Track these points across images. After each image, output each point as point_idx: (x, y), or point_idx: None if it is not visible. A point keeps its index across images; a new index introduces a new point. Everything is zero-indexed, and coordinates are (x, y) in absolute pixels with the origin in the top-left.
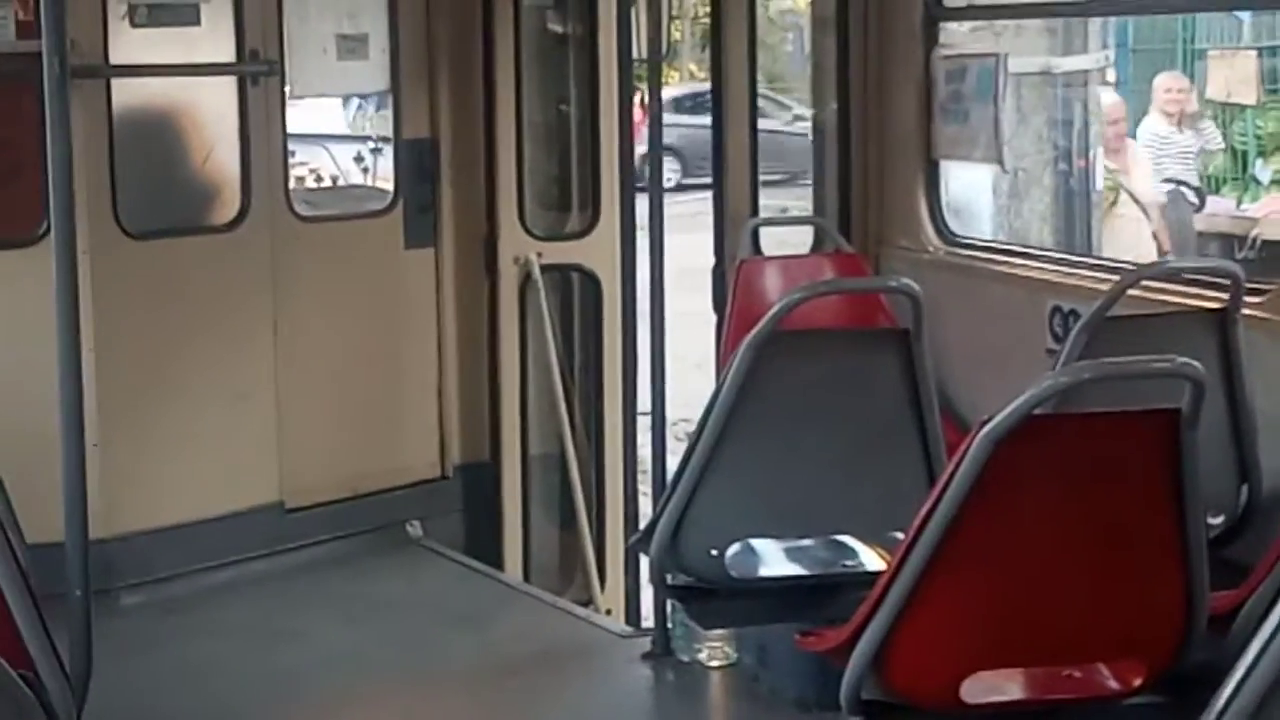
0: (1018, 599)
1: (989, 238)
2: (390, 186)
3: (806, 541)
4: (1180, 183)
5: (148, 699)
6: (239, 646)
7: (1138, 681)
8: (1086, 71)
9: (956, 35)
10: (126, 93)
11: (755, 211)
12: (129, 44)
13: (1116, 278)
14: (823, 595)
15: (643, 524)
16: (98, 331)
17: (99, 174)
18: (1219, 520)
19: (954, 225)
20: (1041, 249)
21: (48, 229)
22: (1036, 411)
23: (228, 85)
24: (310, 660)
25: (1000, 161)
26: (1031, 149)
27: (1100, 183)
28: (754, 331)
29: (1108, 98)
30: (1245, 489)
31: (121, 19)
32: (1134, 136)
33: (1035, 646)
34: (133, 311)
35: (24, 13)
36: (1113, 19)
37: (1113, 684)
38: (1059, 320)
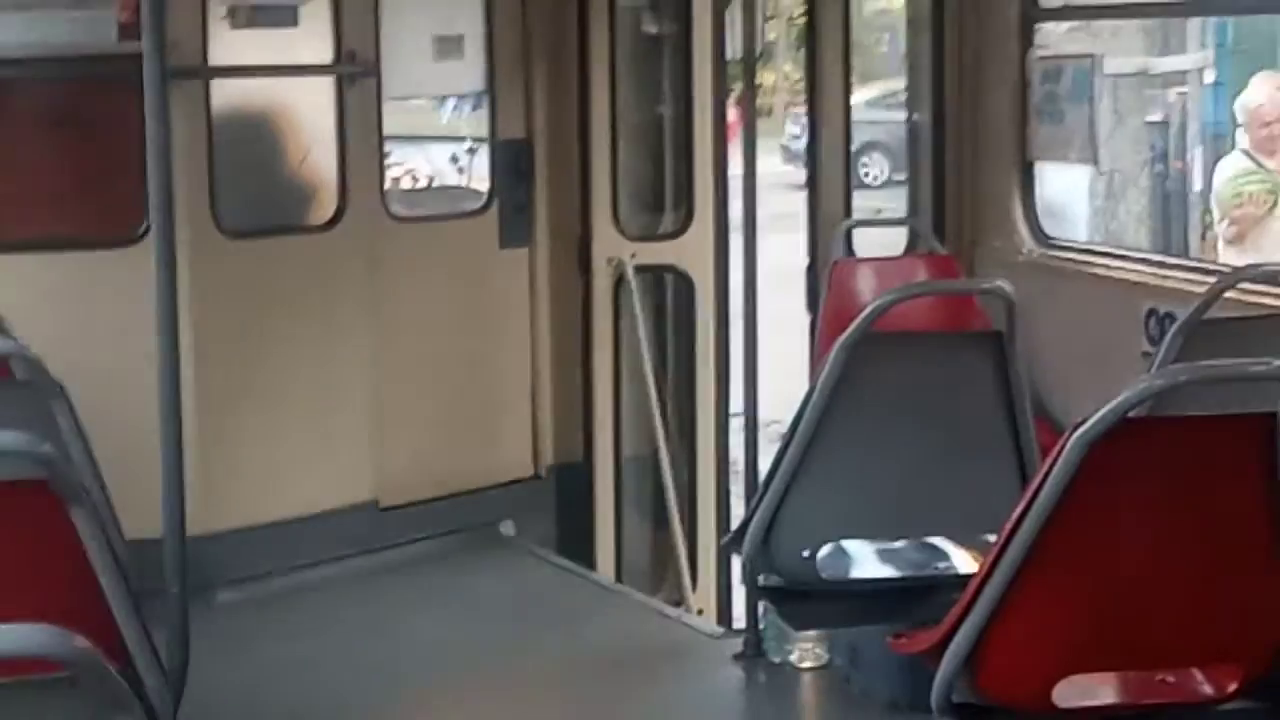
0: (1111, 602)
1: (1084, 240)
2: (485, 187)
3: (899, 543)
4: None
5: (244, 695)
6: (334, 644)
7: (1233, 687)
8: (1184, 72)
9: (1052, 35)
10: (225, 93)
11: (849, 213)
12: (228, 45)
13: (1213, 280)
14: (915, 597)
15: (734, 525)
16: (196, 330)
17: (198, 174)
18: None
19: (1049, 227)
20: (1137, 251)
21: (148, 228)
22: (1131, 414)
23: (325, 86)
24: (403, 658)
25: (1096, 162)
26: (1128, 150)
27: (1198, 184)
28: (847, 333)
29: (1255, 98)
30: None
31: (221, 20)
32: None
33: (1129, 651)
34: (231, 310)
35: (125, 14)
36: (1212, 19)
37: (1208, 689)
38: (1154, 323)
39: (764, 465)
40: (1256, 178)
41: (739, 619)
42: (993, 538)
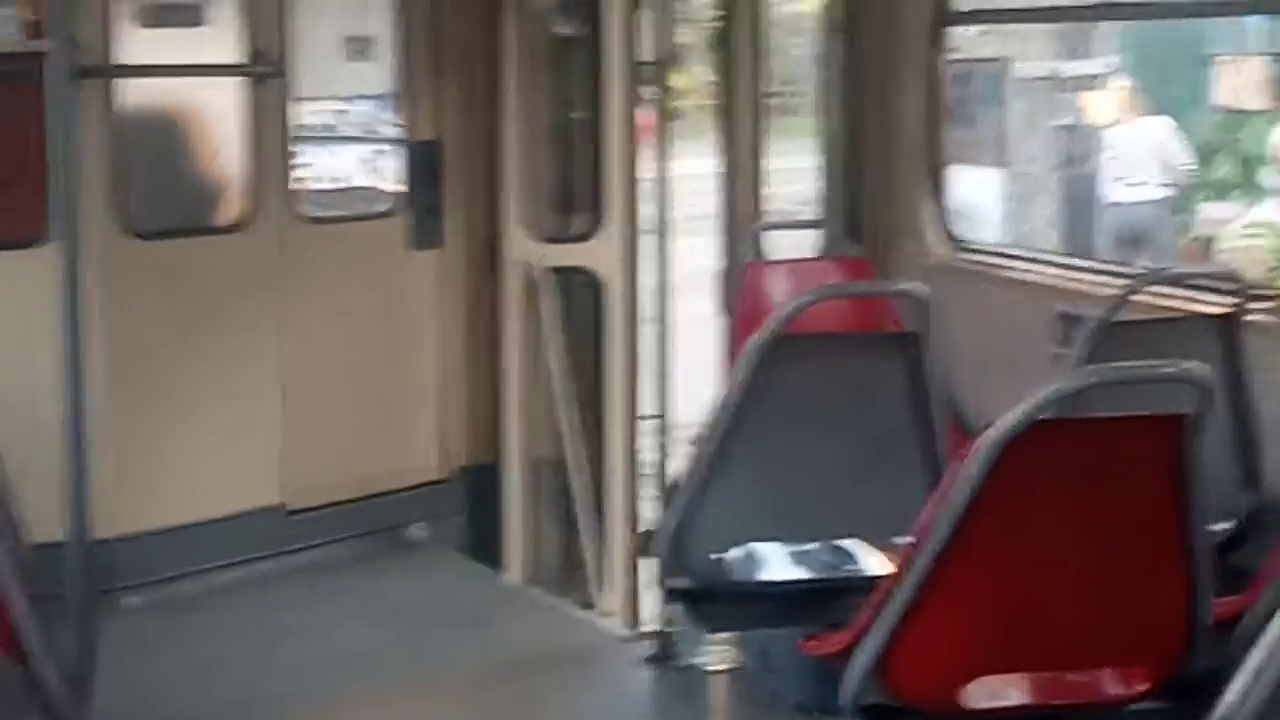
0: (1021, 603)
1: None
2: (396, 188)
3: (811, 545)
4: None
5: (150, 699)
6: (241, 647)
7: (1142, 687)
8: (1093, 76)
9: (964, 39)
10: (133, 93)
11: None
12: (135, 44)
13: (1123, 283)
14: (826, 599)
15: (645, 527)
16: (103, 332)
17: (105, 174)
18: (1223, 526)
19: (961, 230)
20: (1047, 254)
21: (53, 229)
22: (1042, 416)
23: (235, 86)
24: (312, 661)
25: (1006, 165)
26: (1039, 153)
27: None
28: (759, 334)
29: None
30: (1250, 495)
31: (127, 19)
32: None
33: (1038, 651)
34: (138, 311)
35: (31, 12)
36: (1119, 24)
37: (1117, 689)
38: (1065, 325)
39: (677, 468)
40: (1261, 232)
41: (650, 622)
42: (904, 540)
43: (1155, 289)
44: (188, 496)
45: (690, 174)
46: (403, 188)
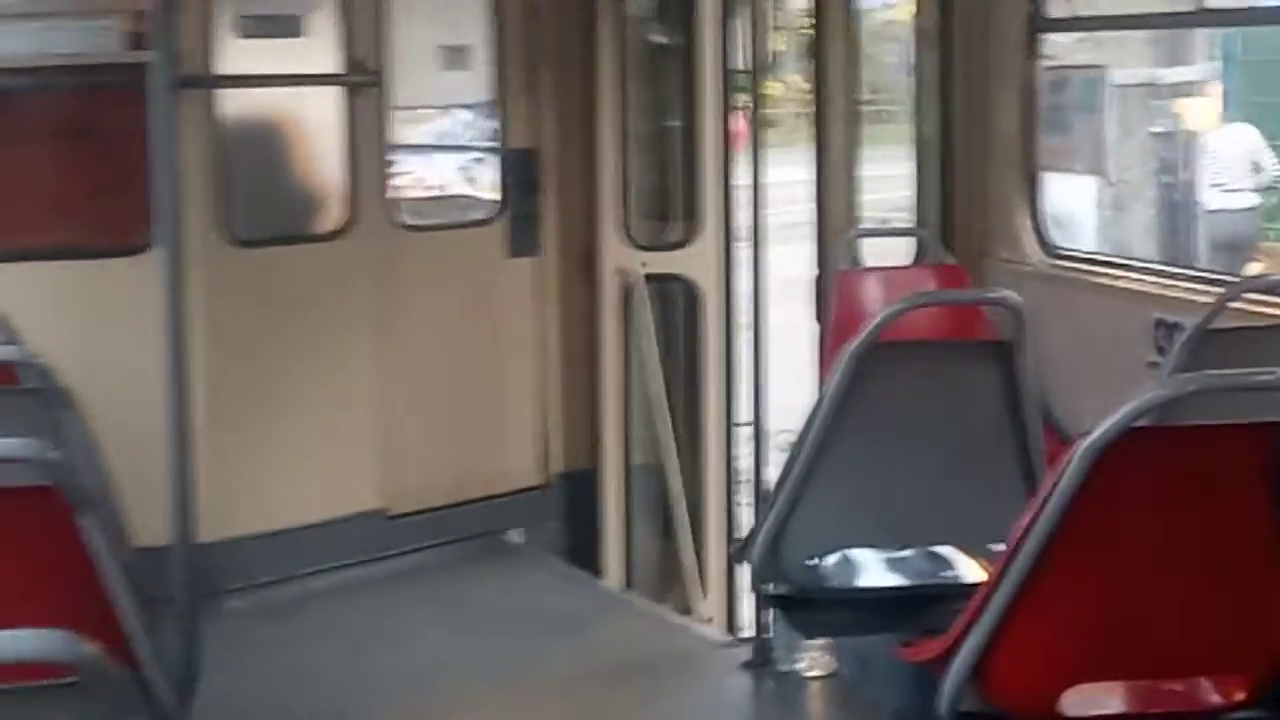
0: (1118, 611)
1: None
2: (494, 196)
3: (906, 552)
4: None
5: (251, 701)
6: (341, 651)
7: (1240, 696)
8: (1191, 83)
9: (1059, 47)
10: (233, 103)
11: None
12: (235, 55)
13: (1220, 290)
14: (922, 606)
15: (742, 533)
16: (205, 338)
17: (205, 183)
18: None
19: (1056, 237)
20: (1144, 261)
21: (156, 237)
22: (1139, 424)
23: (333, 95)
24: (410, 665)
25: (1103, 173)
26: (1135, 160)
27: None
28: (855, 341)
29: None
30: None
31: (228, 30)
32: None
33: (1136, 659)
34: (239, 319)
35: (134, 25)
36: (1219, 31)
37: (1215, 698)
38: (1162, 333)
39: (772, 474)
40: None
41: (747, 628)
42: (1000, 547)
43: (1253, 296)
44: (289, 501)
45: (784, 181)
46: (499, 196)
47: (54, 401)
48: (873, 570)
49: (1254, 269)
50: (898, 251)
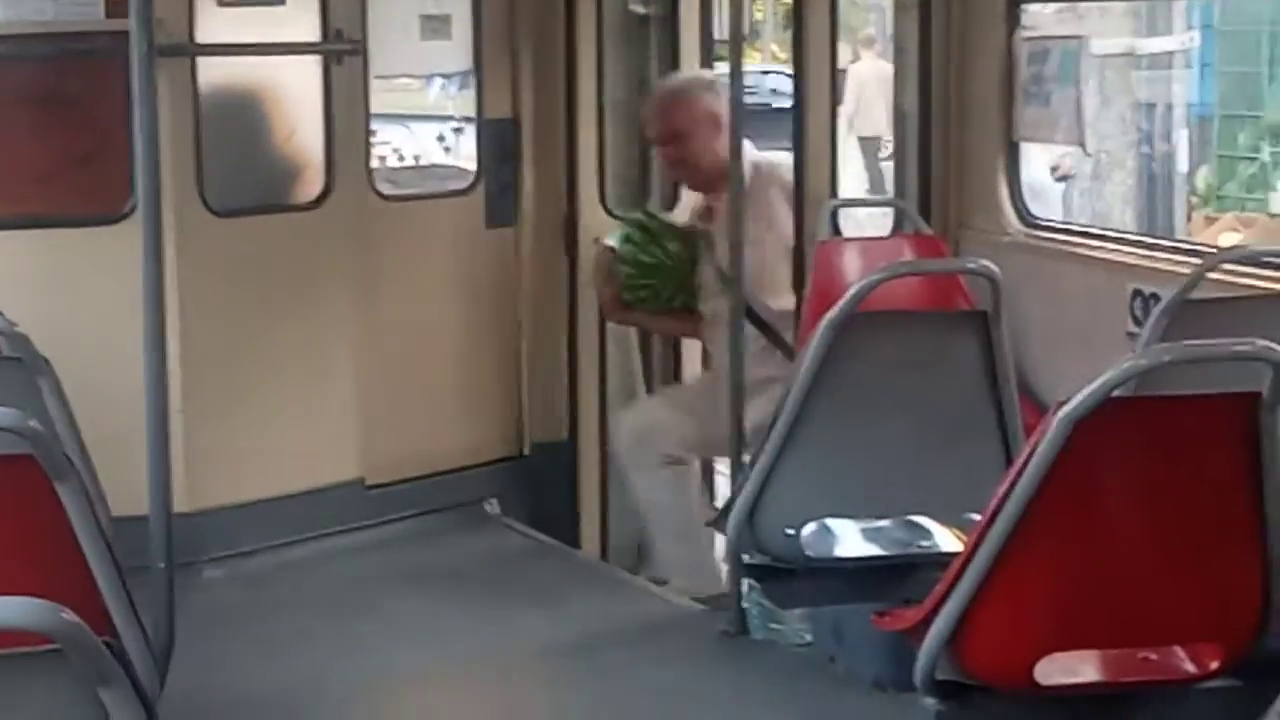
0: (1094, 581)
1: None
2: (471, 166)
3: (883, 522)
4: None
5: (229, 670)
6: (318, 620)
7: (1214, 665)
8: (1171, 53)
9: (1039, 17)
10: (212, 71)
11: (834, 193)
12: (215, 23)
13: (1198, 261)
14: (899, 576)
15: (718, 503)
16: (183, 308)
17: (185, 152)
18: None
19: (1034, 207)
20: (1121, 232)
21: (134, 205)
22: (1115, 393)
23: (312, 64)
24: (387, 635)
25: (1082, 144)
26: (1115, 131)
27: (1184, 165)
28: (833, 312)
29: None
30: None
31: None
32: None
33: (1111, 628)
34: (217, 288)
35: None
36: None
37: (1189, 667)
38: (1139, 303)
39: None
40: None
41: (724, 598)
42: (976, 516)
43: (1230, 267)
44: (267, 471)
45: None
46: (478, 165)
47: (31, 370)
48: (850, 540)
49: (1232, 239)
50: (876, 223)
